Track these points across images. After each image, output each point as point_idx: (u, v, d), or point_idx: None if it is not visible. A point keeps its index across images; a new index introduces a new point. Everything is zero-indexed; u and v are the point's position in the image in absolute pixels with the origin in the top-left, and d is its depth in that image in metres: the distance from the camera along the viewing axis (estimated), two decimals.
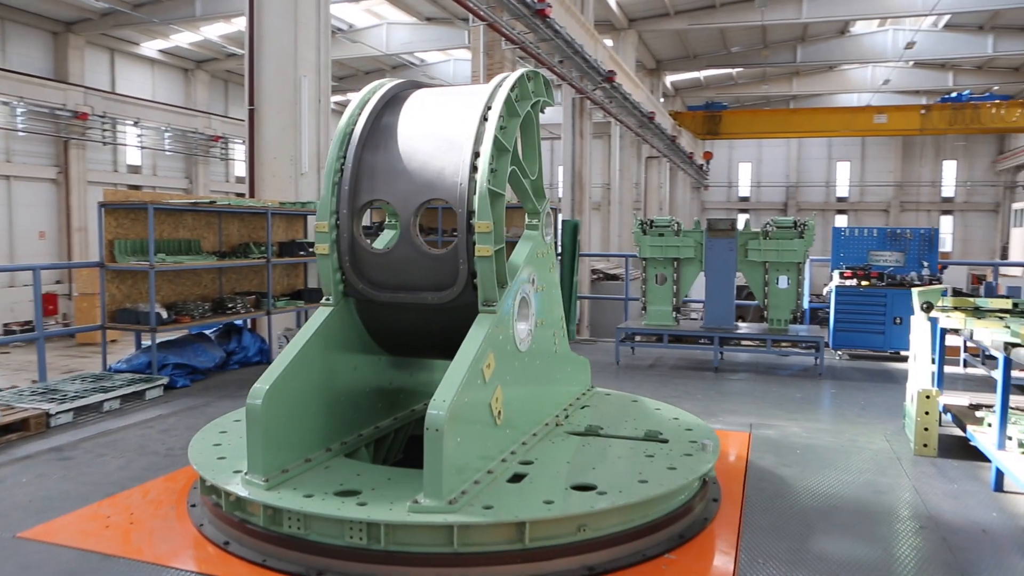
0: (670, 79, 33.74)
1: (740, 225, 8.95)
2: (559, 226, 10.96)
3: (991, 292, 8.82)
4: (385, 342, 4.62)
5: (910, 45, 26.01)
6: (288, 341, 9.90)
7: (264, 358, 8.67)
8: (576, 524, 3.57)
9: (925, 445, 5.52)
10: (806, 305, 9.13)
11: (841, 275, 9.48)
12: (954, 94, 29.23)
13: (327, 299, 4.37)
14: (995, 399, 5.24)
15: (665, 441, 4.63)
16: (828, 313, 9.77)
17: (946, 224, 38.45)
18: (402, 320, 4.43)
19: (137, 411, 6.59)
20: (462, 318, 4.28)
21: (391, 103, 4.51)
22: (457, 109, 4.33)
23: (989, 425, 5.30)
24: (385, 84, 4.62)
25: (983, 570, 3.71)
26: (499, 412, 4.02)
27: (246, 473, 3.82)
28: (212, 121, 26.83)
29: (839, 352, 9.59)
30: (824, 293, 10.55)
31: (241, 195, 17.78)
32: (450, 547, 3.43)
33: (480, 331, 3.94)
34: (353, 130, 4.32)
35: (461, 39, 25.58)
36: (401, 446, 5.05)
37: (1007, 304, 5.71)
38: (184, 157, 26.44)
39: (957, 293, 9.30)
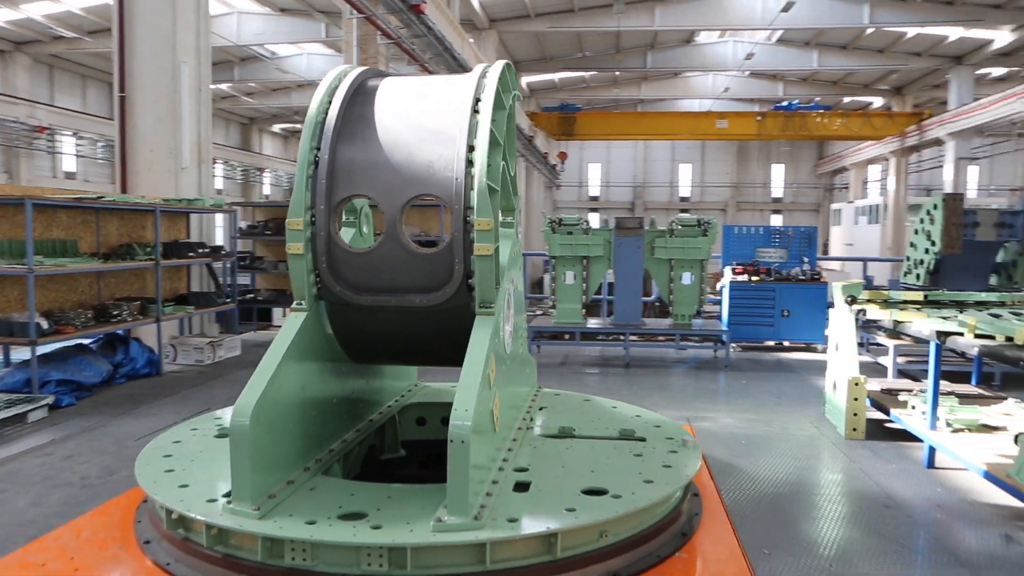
0: (526, 80, 34.24)
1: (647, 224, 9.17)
2: None
3: (869, 285, 9.56)
4: (356, 349, 4.28)
5: (749, 56, 27.90)
6: (177, 352, 9.12)
7: (154, 370, 7.89)
8: (599, 531, 3.45)
9: (855, 429, 5.87)
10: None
11: (733, 271, 9.94)
12: (785, 103, 31.65)
13: (299, 304, 3.98)
14: (902, 384, 5.65)
15: (643, 439, 4.59)
16: (718, 308, 10.24)
17: (776, 222, 41.65)
18: (381, 325, 4.12)
19: (23, 437, 5.77)
20: (449, 321, 4.05)
21: (359, 91, 4.18)
22: (439, 100, 4.08)
23: (913, 408, 5.71)
24: (349, 70, 4.29)
25: (967, 544, 3.96)
26: (497, 418, 3.83)
27: (229, 501, 3.39)
28: (36, 110, 24.25)
29: (733, 344, 10.06)
30: (717, 288, 11.07)
31: (75, 192, 16.19)
32: (482, 565, 3.19)
33: (484, 334, 3.73)
34: (325, 119, 3.96)
35: (317, 32, 24.71)
36: (360, 460, 4.72)
37: (919, 296, 6.17)
38: (3, 149, 23.74)
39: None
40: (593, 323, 9.30)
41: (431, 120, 3.93)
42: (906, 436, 5.75)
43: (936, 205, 8.02)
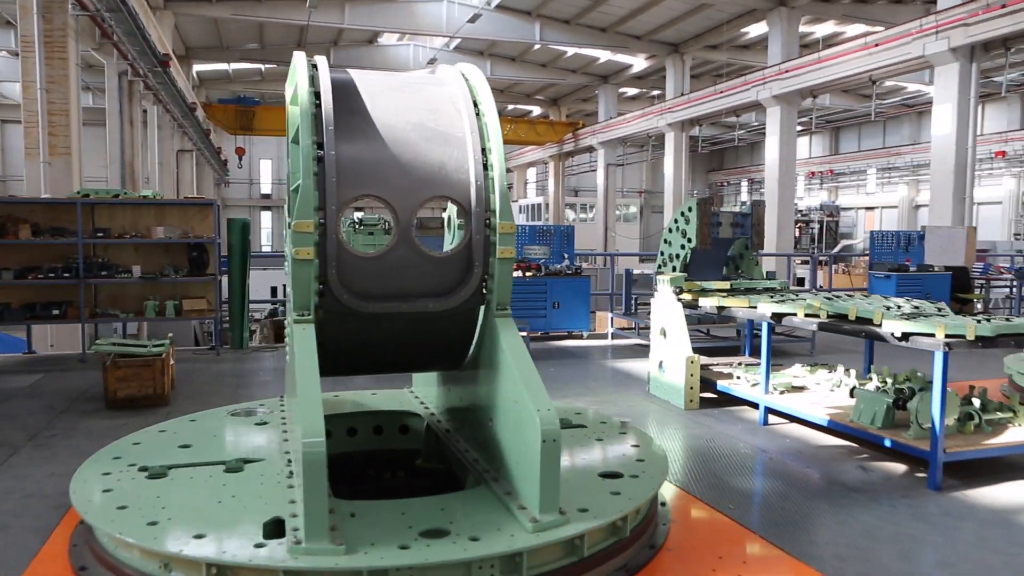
0: (197, 68, 31.67)
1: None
2: (223, 224, 9.92)
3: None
4: (338, 361, 3.96)
5: (432, 61, 29.11)
6: None
7: None
8: (636, 509, 3.72)
9: (691, 401, 6.81)
10: None
11: None
12: None
13: (303, 314, 3.60)
14: (706, 361, 6.76)
15: (583, 426, 4.91)
16: None
17: None
18: (381, 334, 3.89)
19: None
20: (452, 326, 3.99)
21: (337, 83, 3.87)
22: (429, 99, 3.97)
23: (739, 378, 6.82)
24: (315, 60, 3.95)
25: (841, 475, 4.97)
26: None
27: (298, 542, 3.01)
28: None
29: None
30: None
31: None
32: (576, 556, 3.30)
33: (515, 335, 3.77)
34: (319, 112, 3.63)
35: None
36: None
37: (725, 285, 7.34)
38: None
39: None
40: None
41: (431, 119, 3.85)
42: (730, 402, 6.84)
43: (691, 208, 9.47)
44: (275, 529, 3.22)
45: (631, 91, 36.42)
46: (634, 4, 25.43)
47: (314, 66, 3.87)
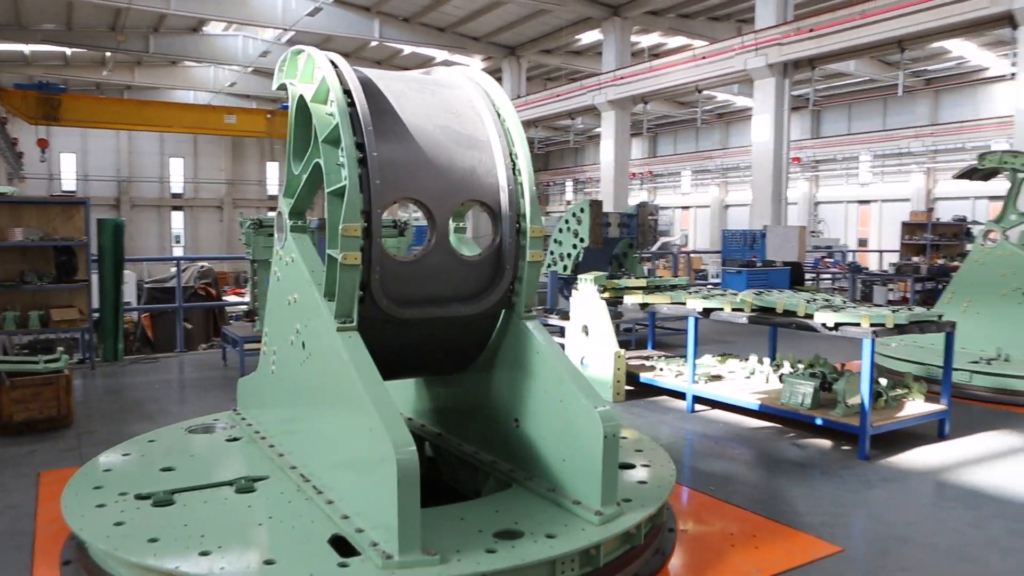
0: None
1: None
2: (93, 225, 9.04)
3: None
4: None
5: (265, 54, 27.90)
6: None
7: None
8: (660, 490, 3.93)
9: (619, 394, 7.16)
10: None
11: None
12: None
13: (346, 322, 3.47)
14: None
15: None
16: None
17: None
18: (407, 339, 3.82)
19: None
20: (479, 329, 4.02)
21: (363, 84, 3.75)
22: (452, 102, 3.96)
23: (662, 370, 7.27)
24: (332, 56, 3.81)
25: (780, 453, 5.50)
26: None
27: (389, 556, 2.93)
28: None
29: None
30: None
31: None
32: (629, 544, 3.47)
33: (547, 336, 3.85)
34: (355, 112, 3.52)
35: None
36: None
37: (642, 283, 7.76)
38: None
39: None
40: None
41: (457, 123, 3.89)
42: (650, 393, 7.27)
43: (583, 208, 9.88)
44: (338, 548, 3.12)
45: None
46: (474, 6, 25.77)
47: (334, 63, 3.73)
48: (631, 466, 4.17)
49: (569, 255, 10.10)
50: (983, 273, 7.97)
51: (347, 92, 3.57)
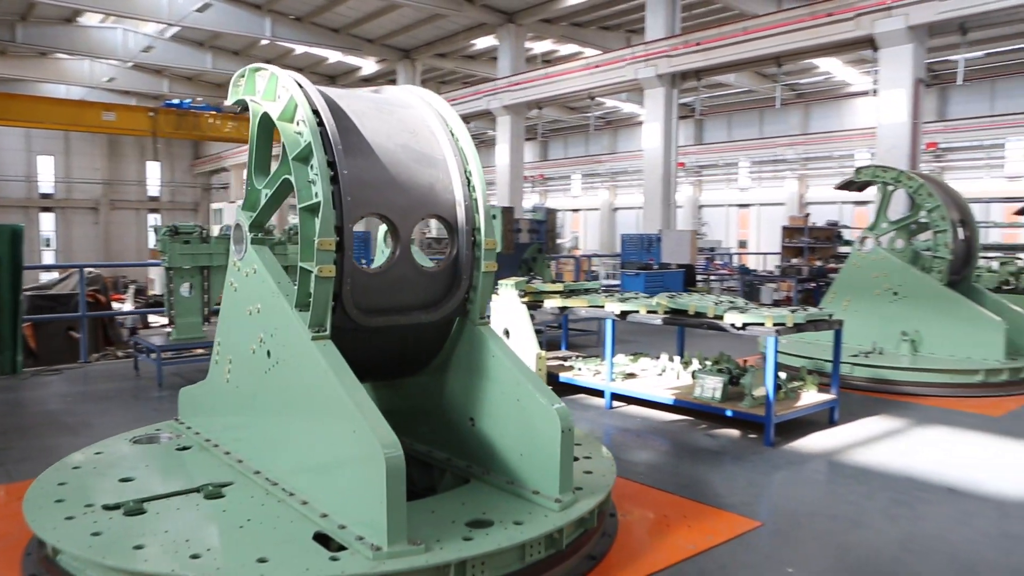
0: None
1: None
2: None
3: None
4: None
5: (148, 49, 26.81)
6: None
7: None
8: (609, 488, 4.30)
9: None
10: None
11: None
12: (176, 101, 31.17)
13: (320, 330, 3.65)
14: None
15: None
16: None
17: (154, 221, 40.30)
18: (371, 346, 4.03)
19: None
20: (436, 335, 4.26)
21: (328, 103, 3.92)
22: (407, 121, 4.19)
23: (579, 369, 7.70)
24: (297, 76, 3.97)
25: (695, 442, 6.03)
26: None
27: (377, 547, 3.16)
28: None
29: None
30: None
31: None
32: (583, 527, 3.83)
33: (502, 342, 4.14)
34: (324, 130, 3.71)
35: None
36: None
37: (560, 287, 8.16)
38: None
39: None
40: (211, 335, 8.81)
41: (414, 141, 4.16)
42: (568, 391, 7.69)
43: (495, 215, 10.22)
44: (322, 544, 3.32)
45: None
46: (368, 8, 25.67)
47: (299, 83, 3.89)
48: (576, 459, 4.52)
49: None
50: (859, 275, 8.87)
51: (315, 111, 3.75)
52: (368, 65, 31.73)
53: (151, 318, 15.25)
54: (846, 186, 9.50)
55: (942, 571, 3.86)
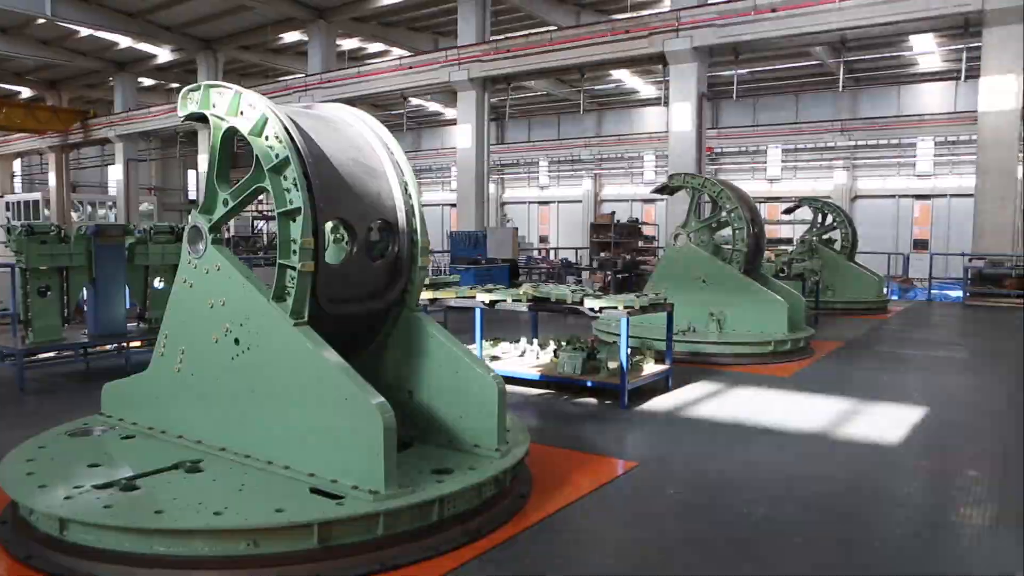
0: None
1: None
2: None
3: None
4: None
5: None
6: None
7: None
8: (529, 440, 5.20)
9: None
10: None
11: None
12: None
13: (300, 319, 4.23)
14: None
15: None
16: None
17: None
18: (335, 330, 4.61)
19: None
20: (377, 321, 4.93)
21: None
22: (352, 138, 4.83)
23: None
24: (257, 96, 4.48)
25: (580, 411, 7.13)
26: None
27: (375, 491, 3.84)
28: None
29: None
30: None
31: None
32: (518, 471, 4.71)
33: (437, 325, 4.91)
34: (296, 144, 4.28)
35: None
36: None
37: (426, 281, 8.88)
38: None
39: None
40: (71, 337, 8.62)
41: (361, 156, 4.91)
42: None
43: None
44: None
45: (148, 82, 34.43)
46: None
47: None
48: None
49: None
50: (674, 267, 10.47)
51: (286, 129, 4.31)
52: (164, 53, 30.14)
53: None
54: (660, 190, 11.10)
55: (775, 478, 5.21)
